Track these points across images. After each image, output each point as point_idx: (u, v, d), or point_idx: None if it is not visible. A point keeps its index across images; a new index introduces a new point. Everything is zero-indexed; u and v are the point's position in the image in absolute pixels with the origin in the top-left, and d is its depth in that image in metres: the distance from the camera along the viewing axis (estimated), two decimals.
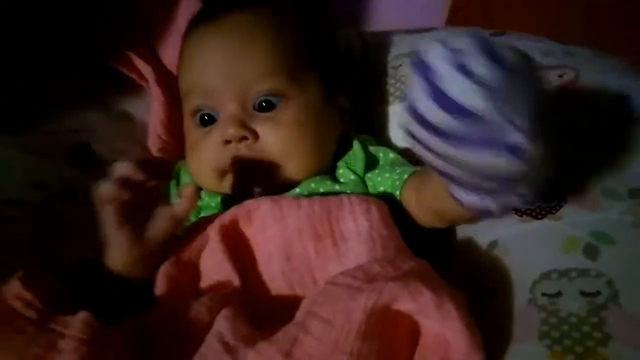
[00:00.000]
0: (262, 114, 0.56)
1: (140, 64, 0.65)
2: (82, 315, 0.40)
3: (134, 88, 0.67)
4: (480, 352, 0.36)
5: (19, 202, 0.52)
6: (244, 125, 0.55)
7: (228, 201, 0.56)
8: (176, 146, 0.65)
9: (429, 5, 0.92)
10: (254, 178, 0.56)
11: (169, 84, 0.65)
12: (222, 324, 0.40)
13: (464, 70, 0.34)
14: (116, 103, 0.67)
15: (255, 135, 0.56)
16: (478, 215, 0.46)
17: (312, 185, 0.56)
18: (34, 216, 0.52)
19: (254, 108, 0.56)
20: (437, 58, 0.34)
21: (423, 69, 0.35)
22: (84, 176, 0.58)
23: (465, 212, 0.44)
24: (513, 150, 0.35)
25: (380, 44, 0.75)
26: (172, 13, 0.65)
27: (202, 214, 0.57)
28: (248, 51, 0.56)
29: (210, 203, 0.58)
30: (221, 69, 0.56)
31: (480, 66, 0.33)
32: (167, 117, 0.64)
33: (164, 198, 0.54)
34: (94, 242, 0.54)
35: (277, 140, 0.56)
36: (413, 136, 0.38)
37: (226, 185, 0.57)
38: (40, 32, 0.64)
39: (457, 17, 0.94)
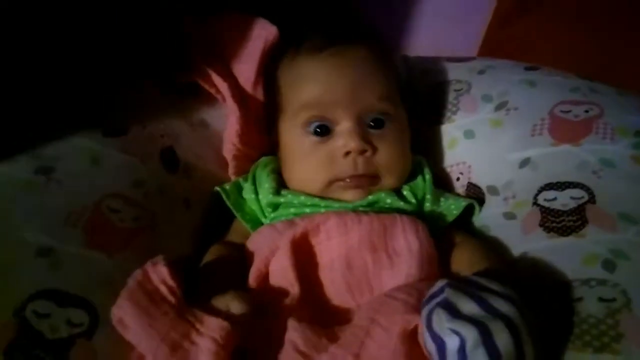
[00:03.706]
0: (373, 131, 0.62)
1: (218, 80, 0.69)
2: (222, 322, 0.44)
3: (210, 99, 0.72)
4: None
5: (122, 197, 0.57)
6: (365, 139, 0.60)
7: (310, 200, 0.62)
8: (247, 153, 0.71)
9: (466, 33, 0.98)
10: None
11: (243, 99, 0.70)
12: (293, 334, 0.46)
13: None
14: (195, 112, 0.71)
15: (374, 149, 0.61)
16: None
17: (382, 195, 0.61)
18: (135, 210, 0.57)
19: (367, 125, 0.62)
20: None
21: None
22: (170, 176, 0.64)
23: None
24: None
25: (424, 70, 0.80)
26: (247, 35, 0.69)
27: (281, 209, 0.63)
28: (370, 78, 0.62)
29: (292, 200, 0.62)
30: (346, 90, 0.61)
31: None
32: (241, 128, 0.69)
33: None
34: (184, 238, 0.62)
35: (387, 154, 0.61)
36: None
37: (330, 191, 0.62)
38: (134, 53, 0.70)
39: (491, 44, 0.99)
